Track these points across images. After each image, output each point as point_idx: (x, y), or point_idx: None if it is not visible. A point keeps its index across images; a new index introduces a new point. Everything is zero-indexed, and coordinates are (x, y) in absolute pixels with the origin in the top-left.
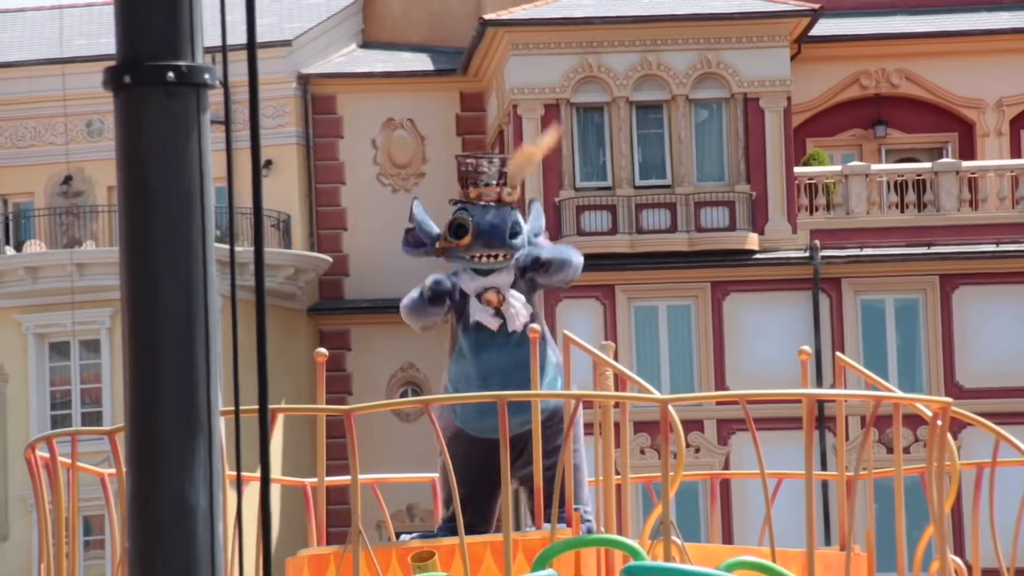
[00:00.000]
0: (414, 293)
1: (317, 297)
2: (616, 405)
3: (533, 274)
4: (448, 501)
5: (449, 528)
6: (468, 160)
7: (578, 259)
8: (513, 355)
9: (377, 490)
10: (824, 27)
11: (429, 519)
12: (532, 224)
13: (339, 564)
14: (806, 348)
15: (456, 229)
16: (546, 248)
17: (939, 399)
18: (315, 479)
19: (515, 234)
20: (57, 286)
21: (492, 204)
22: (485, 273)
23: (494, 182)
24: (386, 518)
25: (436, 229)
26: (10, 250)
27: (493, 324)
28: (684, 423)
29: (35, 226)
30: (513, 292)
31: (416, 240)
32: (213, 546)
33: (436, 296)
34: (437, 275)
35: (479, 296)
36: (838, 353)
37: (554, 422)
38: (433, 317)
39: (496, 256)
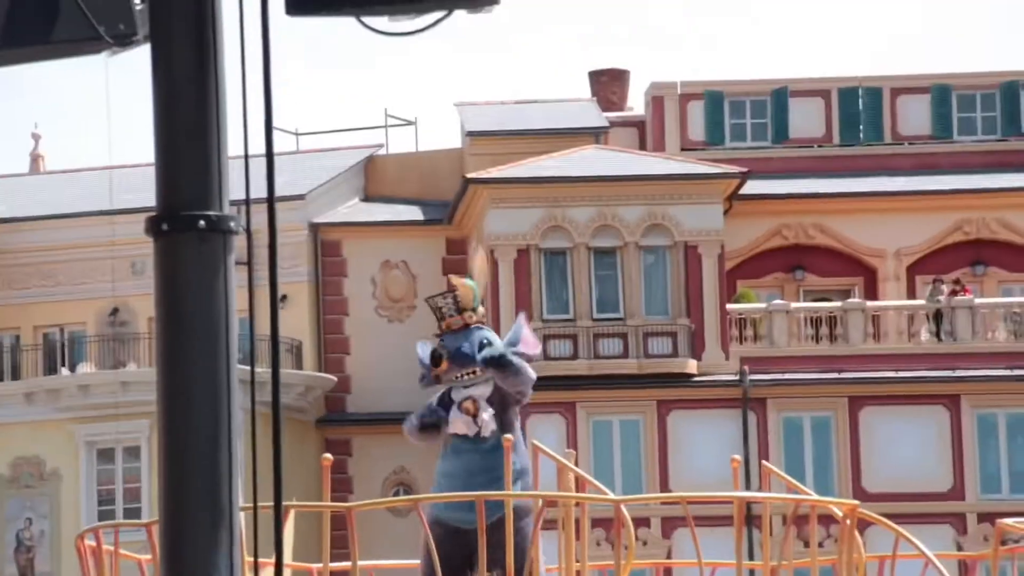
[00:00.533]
0: (413, 419)
1: (324, 411)
2: (577, 504)
3: (493, 371)
4: None
5: None
6: (429, 301)
7: (531, 374)
8: (484, 459)
9: (373, 575)
10: (752, 187)
11: None
12: (509, 336)
13: None
14: (736, 457)
15: (435, 359)
16: (510, 353)
17: (848, 502)
18: (321, 564)
19: (483, 348)
20: (104, 401)
21: (461, 330)
22: (468, 386)
23: (454, 312)
24: None
25: (427, 361)
26: (65, 371)
27: (462, 430)
28: (634, 520)
29: (87, 350)
30: (485, 405)
31: (423, 376)
32: None
33: (424, 427)
34: (425, 407)
35: (460, 404)
36: (764, 461)
37: (513, 519)
38: (427, 442)
39: (472, 372)
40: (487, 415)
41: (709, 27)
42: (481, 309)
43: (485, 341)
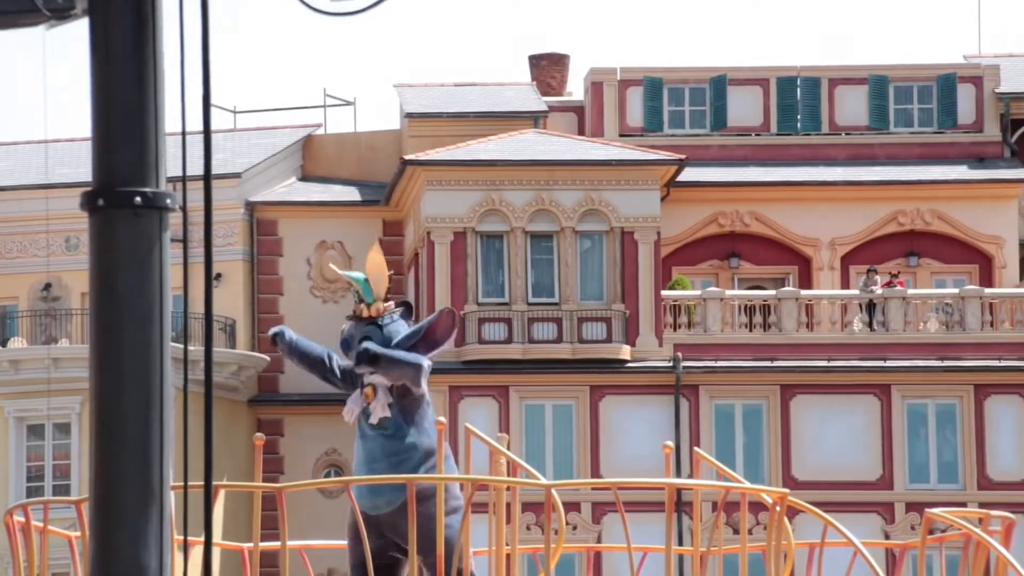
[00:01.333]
0: (334, 361)
1: (256, 390)
2: (508, 488)
3: (366, 367)
4: (353, 565)
5: None
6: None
7: (419, 362)
8: (387, 444)
9: (304, 555)
10: (689, 174)
11: None
12: (411, 330)
13: None
14: (669, 443)
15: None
16: (393, 350)
17: (778, 490)
18: (251, 544)
19: (364, 343)
20: (35, 376)
21: (360, 320)
22: (373, 373)
23: (368, 302)
24: None
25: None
26: None
27: (348, 414)
28: (564, 504)
29: (19, 325)
30: (381, 390)
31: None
32: None
33: (308, 361)
34: (341, 368)
35: (362, 389)
36: (696, 448)
37: (417, 502)
38: (293, 361)
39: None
40: (377, 403)
41: (649, 14)
42: (380, 304)
43: (367, 337)
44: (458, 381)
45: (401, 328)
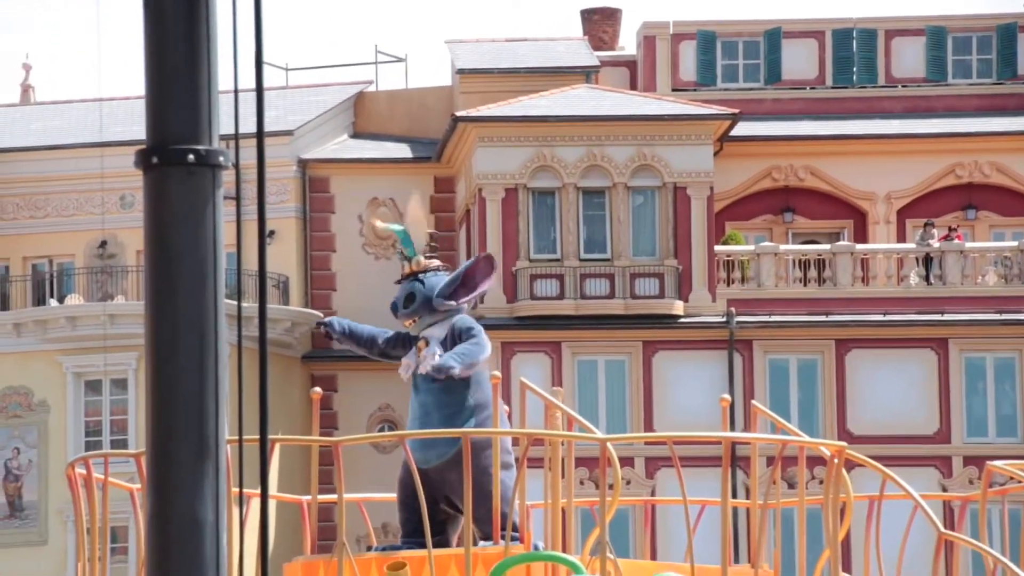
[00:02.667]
0: (382, 337)
1: (310, 347)
2: (563, 442)
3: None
4: (405, 521)
5: (409, 544)
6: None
7: (476, 351)
8: (434, 396)
9: (363, 508)
10: (743, 129)
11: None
12: (445, 282)
13: (327, 570)
14: (726, 396)
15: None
16: (455, 352)
17: (836, 443)
18: (309, 497)
19: (409, 299)
20: (92, 333)
21: (406, 279)
22: (427, 327)
23: (409, 255)
24: (370, 530)
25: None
26: (54, 302)
27: (404, 371)
28: (618, 459)
29: (75, 282)
30: (434, 342)
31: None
32: (219, 554)
33: (358, 340)
34: (395, 335)
35: (416, 344)
36: (753, 401)
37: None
38: (348, 345)
39: (411, 322)
40: (429, 354)
41: None
42: (421, 259)
43: (413, 296)
44: (510, 337)
45: (442, 280)
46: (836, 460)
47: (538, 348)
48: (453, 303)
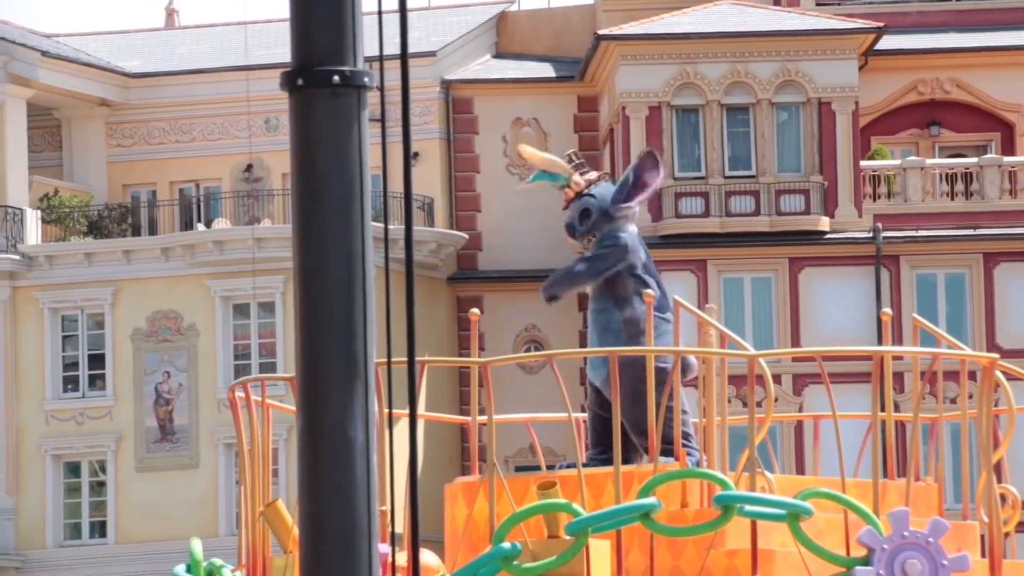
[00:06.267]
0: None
1: (455, 268)
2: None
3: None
4: (593, 441)
5: (592, 462)
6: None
7: (578, 273)
8: (593, 319)
9: (531, 429)
10: (887, 42)
11: (550, 456)
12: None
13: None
14: (888, 311)
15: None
16: (565, 274)
17: (988, 355)
18: (484, 417)
19: (585, 215)
20: (240, 256)
21: (573, 201)
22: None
23: (562, 185)
24: (537, 450)
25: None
26: (201, 226)
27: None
28: (759, 377)
29: (222, 206)
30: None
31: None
32: (369, 473)
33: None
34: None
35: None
36: (914, 314)
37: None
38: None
39: (585, 244)
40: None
41: None
42: (575, 177)
43: (586, 212)
44: (656, 256)
45: (610, 188)
46: (997, 372)
47: (684, 266)
48: (630, 204)
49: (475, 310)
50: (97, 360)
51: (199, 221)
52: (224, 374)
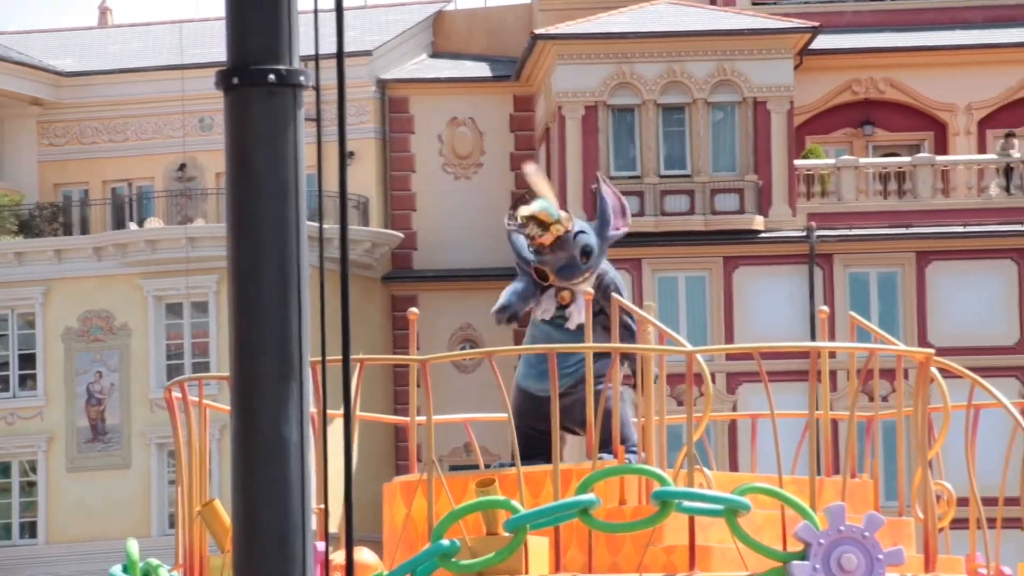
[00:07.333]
0: (505, 310)
1: (390, 267)
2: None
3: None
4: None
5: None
6: (512, 226)
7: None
8: (565, 336)
9: (469, 428)
10: (822, 42)
11: (486, 456)
12: (598, 220)
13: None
14: (824, 308)
15: (541, 275)
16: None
17: (923, 350)
18: (422, 417)
19: (587, 254)
20: (173, 256)
21: (555, 244)
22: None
23: (541, 232)
24: (475, 449)
25: (527, 255)
26: (133, 226)
27: (545, 313)
28: (696, 375)
29: (155, 205)
30: (580, 299)
31: (521, 269)
32: (304, 474)
33: (513, 317)
34: (516, 295)
35: (558, 292)
36: (851, 312)
37: (582, 381)
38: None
39: (584, 279)
40: (576, 309)
41: None
42: (563, 214)
43: (587, 248)
44: None
45: (588, 226)
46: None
47: (619, 265)
48: (621, 232)
49: (414, 309)
50: (28, 360)
51: (132, 220)
52: (157, 374)
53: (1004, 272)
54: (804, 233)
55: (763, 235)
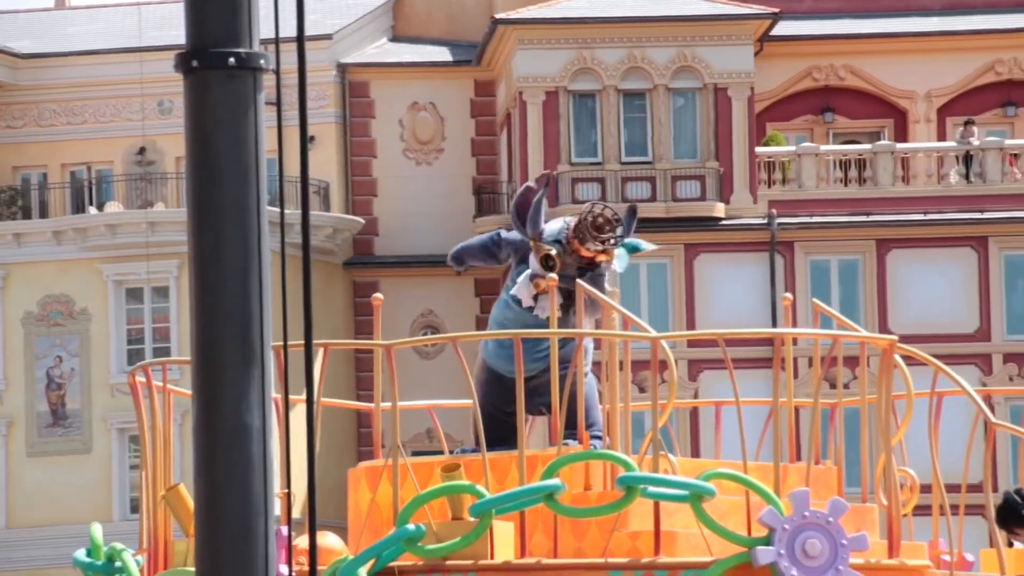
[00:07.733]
0: (465, 255)
1: (352, 253)
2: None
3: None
4: (485, 417)
5: (489, 446)
6: (599, 215)
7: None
8: (538, 321)
9: (434, 414)
10: (783, 28)
11: (449, 442)
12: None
13: (391, 475)
14: (788, 295)
15: (545, 261)
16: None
17: (886, 336)
18: (388, 404)
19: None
20: (133, 240)
21: (597, 267)
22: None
23: (602, 246)
24: (440, 435)
25: (542, 228)
26: (93, 210)
27: (524, 297)
28: (660, 362)
29: (114, 190)
30: (557, 295)
31: (521, 221)
32: (266, 459)
33: (467, 264)
34: (497, 242)
35: (533, 277)
36: (814, 299)
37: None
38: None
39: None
40: (547, 303)
41: None
42: (556, 254)
43: (597, 274)
44: None
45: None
46: (895, 355)
47: None
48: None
49: (378, 295)
50: None
51: (91, 204)
52: (117, 359)
53: (964, 260)
54: (765, 220)
55: (724, 222)
